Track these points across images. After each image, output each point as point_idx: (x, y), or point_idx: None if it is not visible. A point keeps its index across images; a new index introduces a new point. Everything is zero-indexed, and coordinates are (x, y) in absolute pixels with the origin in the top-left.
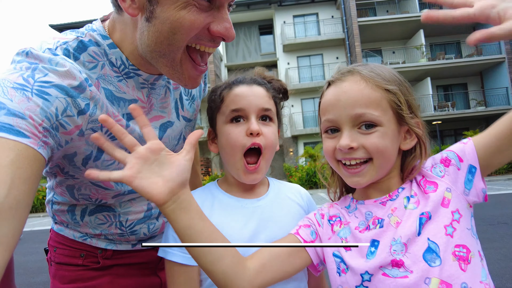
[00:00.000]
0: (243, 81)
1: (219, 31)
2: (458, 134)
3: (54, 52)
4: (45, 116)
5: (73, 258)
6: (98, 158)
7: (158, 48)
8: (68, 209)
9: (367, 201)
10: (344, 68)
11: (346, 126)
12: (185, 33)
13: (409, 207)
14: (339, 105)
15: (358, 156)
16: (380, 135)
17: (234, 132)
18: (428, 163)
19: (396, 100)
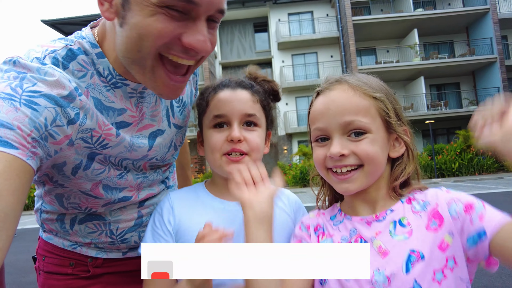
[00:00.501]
0: (228, 85)
1: (190, 42)
2: (451, 133)
3: (43, 61)
4: (33, 127)
5: (62, 267)
6: (88, 167)
7: (128, 54)
8: (57, 218)
9: (354, 217)
10: (331, 78)
11: (336, 134)
12: (152, 41)
13: (398, 237)
14: (329, 114)
15: (349, 163)
16: (370, 142)
17: (215, 137)
18: (445, 194)
19: (384, 108)
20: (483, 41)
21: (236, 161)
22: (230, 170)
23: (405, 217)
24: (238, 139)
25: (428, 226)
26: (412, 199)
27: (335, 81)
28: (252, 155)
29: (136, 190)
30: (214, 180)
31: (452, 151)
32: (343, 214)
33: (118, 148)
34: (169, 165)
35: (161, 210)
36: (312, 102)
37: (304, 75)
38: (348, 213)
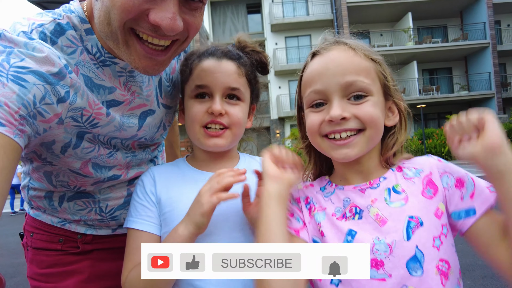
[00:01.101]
0: (214, 54)
1: (155, 20)
2: (442, 117)
3: (30, 36)
4: (21, 104)
5: (51, 243)
6: (77, 145)
7: (101, 28)
8: (45, 195)
9: (346, 186)
10: (329, 39)
11: (336, 96)
12: (118, 14)
13: (395, 205)
14: (328, 74)
15: (349, 127)
16: (373, 104)
17: (196, 107)
18: (437, 163)
19: (382, 71)
20: (477, 26)
21: (215, 135)
22: (209, 144)
23: (399, 184)
24: (219, 112)
25: (423, 192)
26: (402, 167)
27: (334, 42)
28: (233, 129)
29: (125, 169)
30: (194, 154)
31: (442, 136)
32: (334, 185)
33: (108, 127)
34: (158, 144)
35: (142, 182)
36: (306, 64)
37: (298, 58)
38: (339, 184)
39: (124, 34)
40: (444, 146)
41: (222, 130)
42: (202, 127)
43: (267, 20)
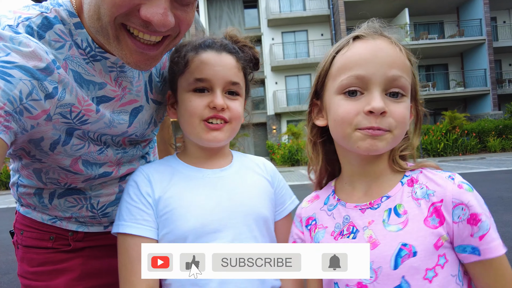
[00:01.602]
0: (212, 46)
1: (146, 15)
2: (437, 114)
3: (16, 30)
4: (7, 99)
5: (42, 241)
6: (67, 142)
7: (91, 23)
8: (35, 192)
9: (348, 204)
10: (377, 27)
11: (378, 88)
12: (108, 9)
13: (391, 228)
14: (375, 62)
15: (384, 126)
16: (407, 106)
17: (195, 102)
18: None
19: (414, 73)
20: (473, 22)
21: (216, 128)
22: (208, 138)
23: (402, 205)
24: (221, 107)
25: (426, 220)
26: (415, 180)
27: (379, 32)
28: (233, 123)
29: (116, 166)
30: (186, 150)
31: (438, 132)
32: (337, 198)
33: (97, 124)
34: (149, 141)
35: (135, 183)
36: (344, 46)
37: (294, 54)
38: (342, 198)
39: (115, 29)
40: (439, 143)
41: (222, 124)
42: (203, 120)
43: (263, 15)
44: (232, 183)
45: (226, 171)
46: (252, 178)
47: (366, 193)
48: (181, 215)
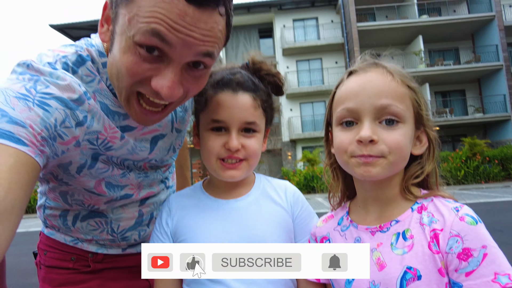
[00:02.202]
0: (229, 85)
1: (156, 87)
2: (456, 140)
3: (54, 66)
4: (44, 126)
5: (63, 261)
6: (92, 166)
7: (111, 78)
8: (61, 214)
9: (360, 226)
10: (368, 59)
11: (368, 118)
12: (126, 76)
13: (398, 251)
14: (363, 94)
15: (374, 153)
16: (403, 133)
17: (213, 141)
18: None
19: (417, 99)
20: (489, 48)
21: (232, 167)
22: (225, 176)
23: (409, 229)
24: (235, 148)
25: (429, 245)
26: (425, 208)
27: (372, 63)
28: (249, 160)
29: (136, 188)
30: (210, 179)
31: (458, 159)
32: (350, 220)
33: (121, 150)
34: (169, 166)
35: (161, 213)
36: (342, 81)
37: (309, 81)
38: (355, 219)
39: (129, 93)
40: (459, 170)
41: (238, 162)
42: (219, 159)
43: (278, 44)
44: (245, 214)
45: (242, 201)
46: (268, 208)
47: (377, 217)
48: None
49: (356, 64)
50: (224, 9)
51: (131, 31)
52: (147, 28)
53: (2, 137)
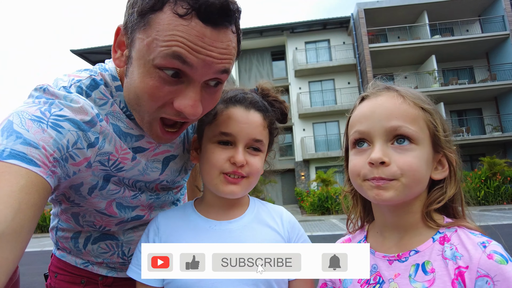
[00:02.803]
0: (242, 102)
1: (180, 107)
2: (474, 159)
3: (68, 90)
4: (56, 147)
5: (73, 284)
6: (103, 187)
7: (131, 105)
8: (72, 236)
9: (377, 253)
10: (380, 84)
11: (379, 140)
12: (148, 101)
13: (416, 285)
14: (373, 117)
15: (386, 176)
16: (416, 155)
17: (218, 154)
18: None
19: (433, 121)
20: (505, 66)
21: (234, 182)
22: (225, 191)
23: (430, 262)
24: (241, 164)
25: (453, 282)
26: (447, 239)
27: (384, 88)
28: (250, 178)
29: (147, 210)
30: (204, 198)
31: (477, 179)
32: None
33: (132, 171)
34: (180, 187)
35: (147, 231)
36: (355, 107)
37: (321, 101)
38: (372, 245)
39: (152, 118)
40: (479, 190)
41: (240, 179)
42: (222, 173)
43: (291, 66)
44: (238, 238)
45: (235, 223)
46: (262, 233)
47: (396, 244)
48: None
49: (368, 89)
50: (235, 27)
51: (151, 55)
52: (168, 51)
53: (16, 158)
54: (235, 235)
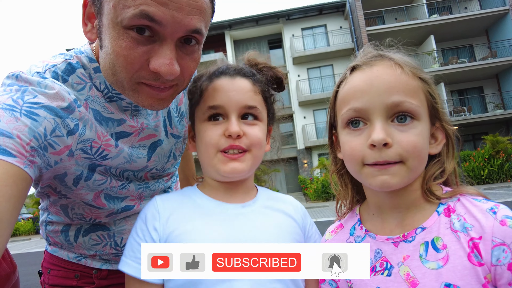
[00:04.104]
0: (226, 72)
1: (155, 67)
2: (477, 139)
3: (43, 75)
4: (33, 136)
5: (67, 279)
6: (89, 178)
7: (107, 76)
8: (62, 229)
9: (379, 236)
10: (372, 52)
11: (379, 117)
12: (123, 66)
13: (430, 265)
14: (372, 91)
15: (390, 158)
16: (419, 132)
17: (211, 131)
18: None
19: (431, 91)
20: (505, 43)
21: (234, 158)
22: (226, 170)
23: (440, 238)
24: (237, 134)
25: (469, 256)
26: (452, 209)
27: (377, 55)
28: (253, 151)
29: (137, 200)
30: (206, 182)
31: (480, 158)
32: (365, 230)
33: (118, 159)
34: (171, 175)
35: (144, 216)
36: (344, 78)
37: (321, 88)
38: (371, 229)
39: (132, 83)
40: (483, 169)
41: (241, 154)
42: (220, 151)
43: (288, 54)
44: (253, 221)
45: (249, 207)
46: (278, 217)
47: (398, 224)
48: None
49: (359, 57)
50: None
51: (118, 17)
52: (135, 11)
53: None
54: (250, 219)
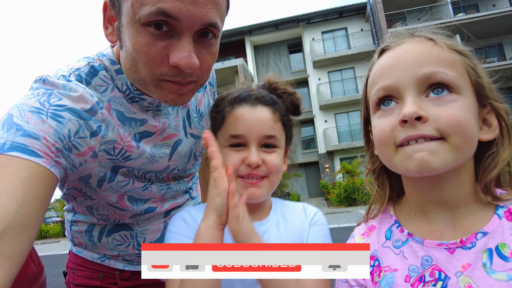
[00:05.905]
0: (247, 100)
1: (174, 61)
2: None
3: (68, 79)
4: (58, 137)
5: (91, 279)
6: (112, 179)
7: (129, 74)
8: (87, 229)
9: (427, 241)
10: (402, 32)
11: (410, 92)
12: (145, 63)
13: (499, 276)
14: (400, 66)
15: (426, 132)
16: (461, 107)
17: (231, 158)
18: None
19: (473, 65)
20: None
21: (253, 184)
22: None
23: (506, 245)
24: (256, 164)
25: None
26: None
27: (407, 34)
28: (271, 177)
29: (160, 201)
30: None
31: None
32: (407, 233)
33: (140, 160)
34: (192, 176)
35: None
36: (373, 63)
37: (342, 91)
38: (415, 232)
39: (155, 80)
40: None
41: (259, 180)
42: (239, 177)
43: (308, 58)
44: (274, 235)
45: (264, 225)
46: (294, 228)
47: (449, 227)
48: None
49: (388, 39)
50: None
51: (137, 15)
52: (152, 8)
53: (16, 150)
54: (272, 233)
